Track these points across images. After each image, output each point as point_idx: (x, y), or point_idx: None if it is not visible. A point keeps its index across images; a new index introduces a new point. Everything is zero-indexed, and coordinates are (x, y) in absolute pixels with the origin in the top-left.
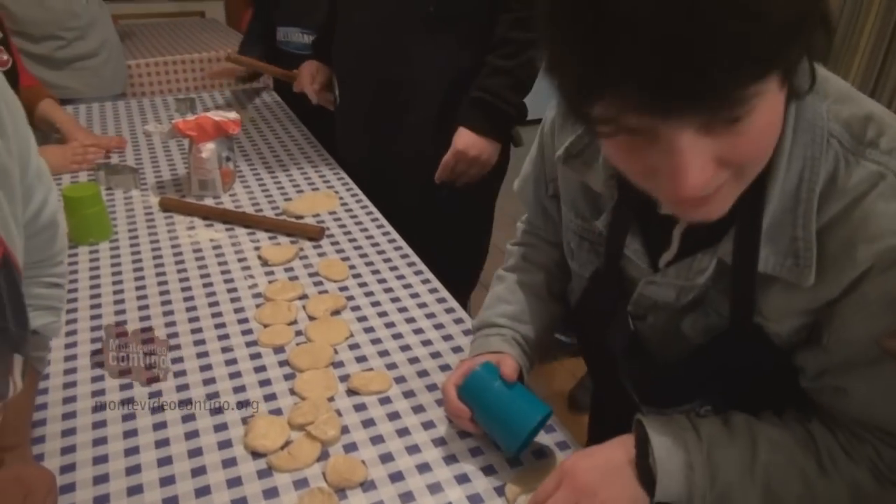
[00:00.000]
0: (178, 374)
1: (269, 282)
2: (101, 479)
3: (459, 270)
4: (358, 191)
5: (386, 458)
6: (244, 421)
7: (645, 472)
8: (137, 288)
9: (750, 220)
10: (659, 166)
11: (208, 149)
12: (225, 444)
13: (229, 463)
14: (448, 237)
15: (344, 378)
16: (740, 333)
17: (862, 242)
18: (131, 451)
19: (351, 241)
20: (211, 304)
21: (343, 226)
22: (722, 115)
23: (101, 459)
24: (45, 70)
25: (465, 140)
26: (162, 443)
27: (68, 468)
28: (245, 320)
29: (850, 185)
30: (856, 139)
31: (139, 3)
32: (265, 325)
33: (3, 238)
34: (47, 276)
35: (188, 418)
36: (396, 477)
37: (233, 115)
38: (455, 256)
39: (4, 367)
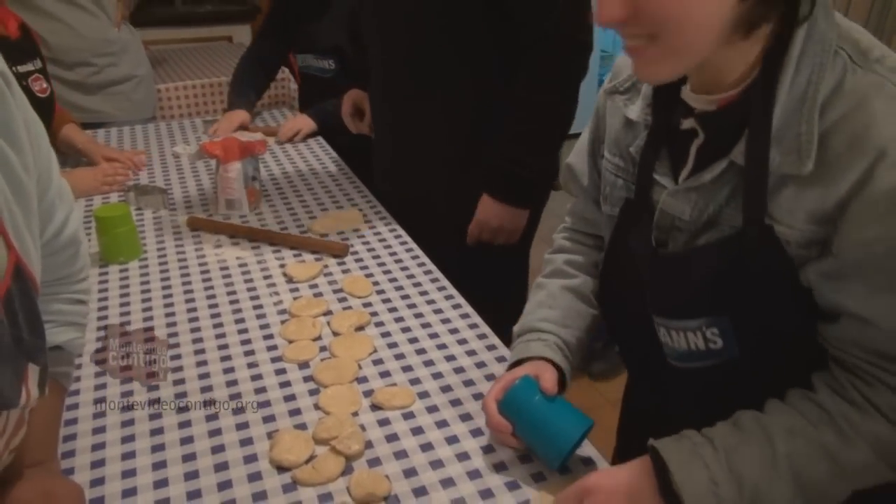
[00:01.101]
0: (204, 390)
1: (294, 298)
2: (128, 493)
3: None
4: (381, 208)
5: (409, 472)
6: (269, 436)
7: (671, 498)
8: (165, 305)
9: (761, 121)
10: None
11: (234, 168)
12: (251, 459)
13: (254, 477)
14: (482, 280)
15: (368, 393)
16: (752, 234)
17: (866, 139)
18: (159, 466)
19: (375, 257)
20: (237, 321)
21: (367, 243)
22: None
23: (129, 473)
24: (78, 95)
25: (487, 210)
26: (189, 457)
27: (97, 482)
28: (270, 336)
29: (855, 90)
30: (862, 55)
31: (170, 29)
32: (290, 341)
33: (16, 247)
34: (70, 292)
35: (214, 433)
36: (420, 492)
37: (259, 136)
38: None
39: (18, 376)
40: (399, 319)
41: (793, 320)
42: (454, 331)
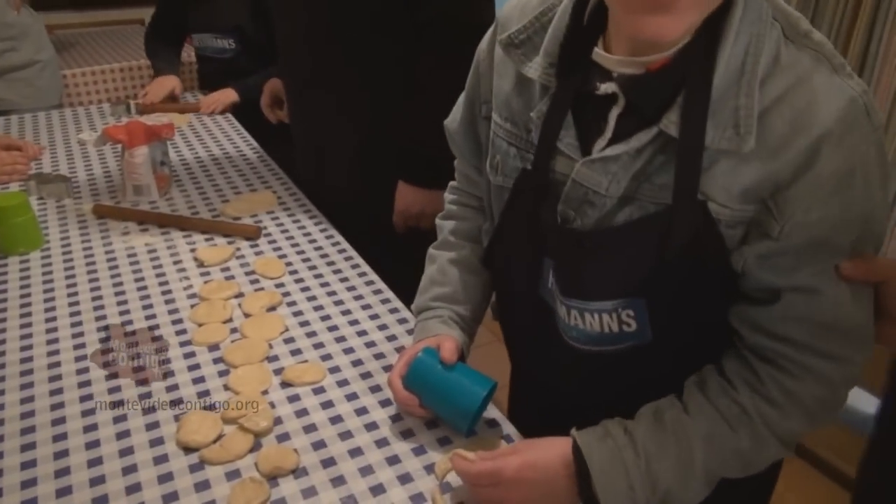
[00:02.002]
0: (109, 378)
1: (205, 282)
2: (29, 484)
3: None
4: (296, 189)
5: (318, 445)
6: (176, 419)
7: (588, 496)
8: (69, 295)
9: (699, 90)
10: None
11: (141, 153)
12: (157, 442)
13: (160, 459)
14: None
15: (279, 371)
16: (683, 211)
17: (809, 117)
18: (60, 454)
19: (289, 238)
20: (145, 307)
21: (281, 224)
22: None
23: (28, 465)
24: None
25: (405, 197)
26: (92, 444)
27: None
28: (180, 321)
29: (793, 65)
30: (793, 28)
31: (78, 12)
32: (200, 325)
33: None
34: None
35: (119, 419)
36: (328, 462)
37: (166, 119)
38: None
39: None
40: (311, 298)
41: (711, 302)
42: (366, 307)
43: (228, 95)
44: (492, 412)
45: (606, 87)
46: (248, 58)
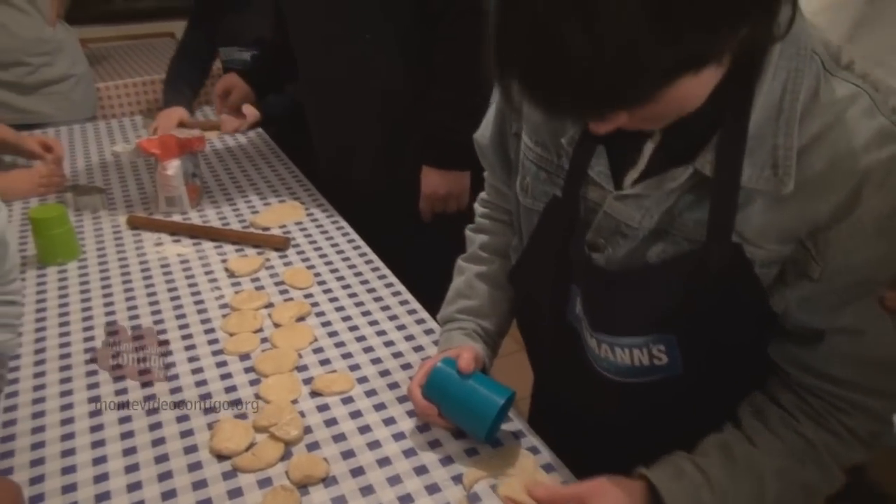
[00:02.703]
0: (145, 385)
1: (236, 293)
2: (69, 489)
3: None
4: (324, 200)
5: (347, 454)
6: (209, 426)
7: None
8: (105, 304)
9: (735, 129)
10: None
11: (173, 166)
12: (191, 449)
13: (195, 467)
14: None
15: (308, 381)
16: (717, 253)
17: (847, 158)
18: (99, 461)
19: (316, 249)
20: (178, 317)
21: (309, 235)
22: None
23: (69, 469)
24: (14, 96)
25: (431, 181)
26: (129, 451)
27: (37, 479)
28: (212, 330)
29: (831, 102)
30: (833, 59)
31: (109, 26)
32: (231, 334)
33: None
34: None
35: (155, 426)
36: (357, 472)
37: (197, 132)
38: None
39: None
40: (340, 308)
41: (746, 339)
42: (393, 317)
43: (251, 113)
44: (516, 423)
45: None
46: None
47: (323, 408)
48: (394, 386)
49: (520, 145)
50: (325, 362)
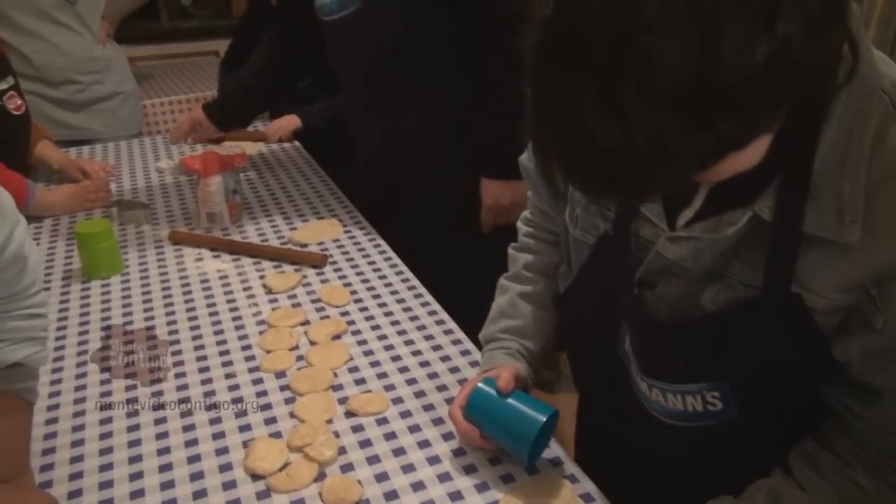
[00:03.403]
0: (182, 401)
1: (273, 309)
2: None
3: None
4: (361, 217)
5: (381, 477)
6: (245, 444)
7: None
8: (146, 319)
9: (797, 173)
10: None
11: (215, 182)
12: (226, 468)
13: (229, 486)
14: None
15: (343, 400)
16: (774, 303)
17: None
18: (136, 476)
19: (353, 267)
20: (216, 333)
21: (346, 252)
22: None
23: (106, 485)
24: (64, 112)
25: (492, 191)
26: (165, 467)
27: (75, 494)
28: (248, 347)
29: None
30: None
31: (156, 45)
32: (267, 351)
33: None
34: (23, 308)
35: (191, 443)
36: (391, 496)
37: (238, 149)
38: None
39: None
40: (375, 327)
41: (805, 387)
42: (429, 337)
43: (292, 122)
44: (554, 450)
45: None
46: (319, 86)
47: (357, 428)
48: (429, 408)
49: None
50: (360, 382)
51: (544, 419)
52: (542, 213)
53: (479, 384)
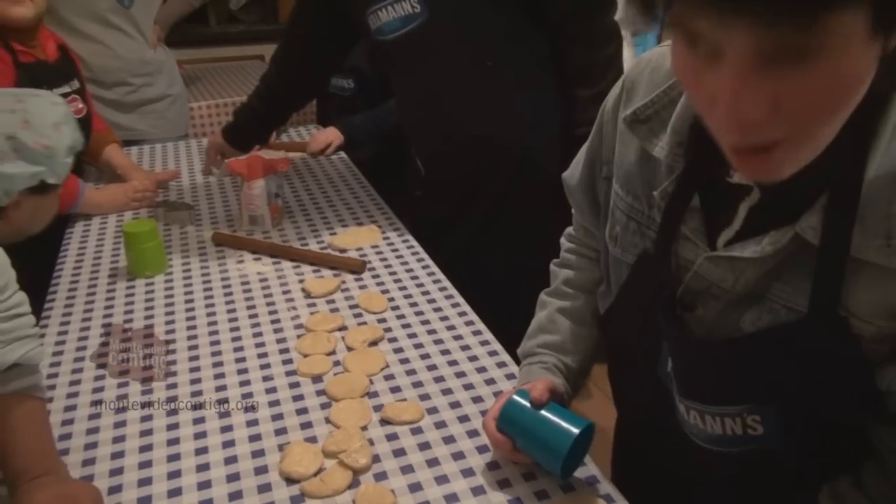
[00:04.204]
0: (220, 402)
1: (311, 313)
2: (144, 502)
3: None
4: (400, 225)
5: (415, 487)
6: (280, 448)
7: None
8: (188, 318)
9: (845, 192)
10: (718, 93)
11: (258, 186)
12: (261, 470)
13: (264, 488)
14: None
15: (378, 408)
16: (819, 326)
17: None
18: (174, 475)
19: (391, 273)
20: (255, 335)
21: (384, 259)
22: (791, 40)
23: (145, 482)
24: (115, 113)
25: None
26: (203, 467)
27: (115, 489)
28: (286, 350)
29: None
30: None
31: (204, 48)
32: (305, 355)
33: None
34: (3, 310)
35: (228, 444)
36: None
37: (282, 154)
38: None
39: None
40: (412, 335)
41: (851, 413)
42: (465, 347)
43: (333, 136)
44: (590, 468)
45: (740, 177)
46: (364, 97)
47: (392, 437)
48: (464, 419)
49: (610, 190)
50: (395, 389)
51: (577, 431)
52: (584, 229)
53: (513, 395)
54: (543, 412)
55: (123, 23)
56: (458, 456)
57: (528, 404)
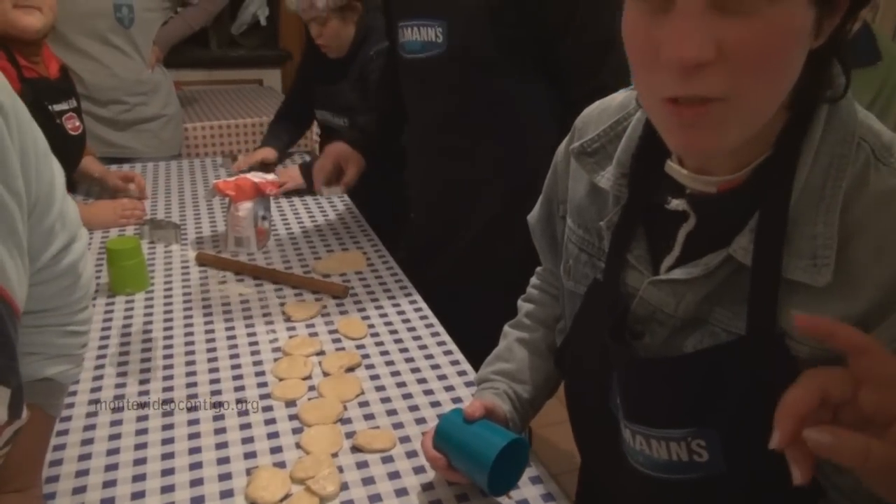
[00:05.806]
0: (191, 423)
1: (290, 337)
2: None
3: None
4: (385, 252)
5: None
6: (248, 472)
7: None
8: (165, 337)
9: (773, 214)
10: (665, 38)
11: (245, 208)
12: (227, 494)
13: None
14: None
15: (350, 434)
16: (757, 346)
17: (894, 248)
18: (138, 496)
19: (373, 300)
20: (232, 356)
21: (367, 286)
22: None
23: (107, 502)
24: (109, 131)
25: None
26: (167, 489)
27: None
28: (262, 373)
29: (882, 191)
30: (886, 149)
31: (204, 70)
32: (280, 379)
33: None
34: (63, 324)
35: (195, 466)
36: None
37: (271, 176)
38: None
39: None
40: (389, 363)
41: None
42: (442, 377)
43: (288, 177)
44: (537, 470)
45: (677, 204)
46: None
47: (362, 465)
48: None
49: (565, 227)
50: (368, 417)
51: (503, 444)
52: (548, 271)
53: (448, 413)
54: (473, 427)
55: (122, 42)
56: (428, 487)
57: (459, 420)
